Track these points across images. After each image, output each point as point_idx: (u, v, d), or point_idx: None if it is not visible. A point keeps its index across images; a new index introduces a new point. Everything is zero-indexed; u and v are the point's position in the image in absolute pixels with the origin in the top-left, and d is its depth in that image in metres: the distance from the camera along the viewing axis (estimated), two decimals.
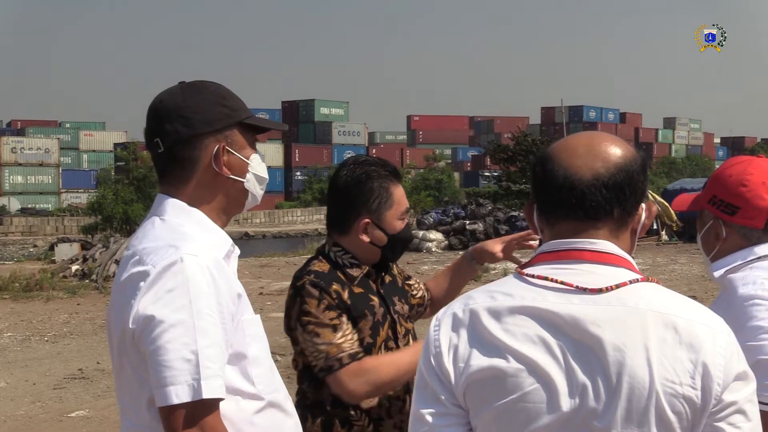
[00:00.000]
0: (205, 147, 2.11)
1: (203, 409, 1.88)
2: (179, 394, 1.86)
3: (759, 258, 2.39)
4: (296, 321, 2.69)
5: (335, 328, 2.65)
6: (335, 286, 2.71)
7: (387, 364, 2.67)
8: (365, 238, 2.78)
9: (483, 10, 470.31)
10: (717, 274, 2.43)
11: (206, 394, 1.87)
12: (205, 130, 2.11)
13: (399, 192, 2.83)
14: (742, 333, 2.20)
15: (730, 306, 2.28)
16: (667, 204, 24.84)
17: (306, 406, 2.76)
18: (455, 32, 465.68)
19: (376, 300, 2.80)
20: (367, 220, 2.77)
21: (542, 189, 1.67)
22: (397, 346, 2.81)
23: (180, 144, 2.10)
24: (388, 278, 2.93)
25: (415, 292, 3.08)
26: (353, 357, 2.64)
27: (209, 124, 2.11)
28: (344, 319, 2.68)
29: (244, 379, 2.03)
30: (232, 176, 2.14)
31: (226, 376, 1.95)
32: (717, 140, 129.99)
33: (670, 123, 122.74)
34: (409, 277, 3.12)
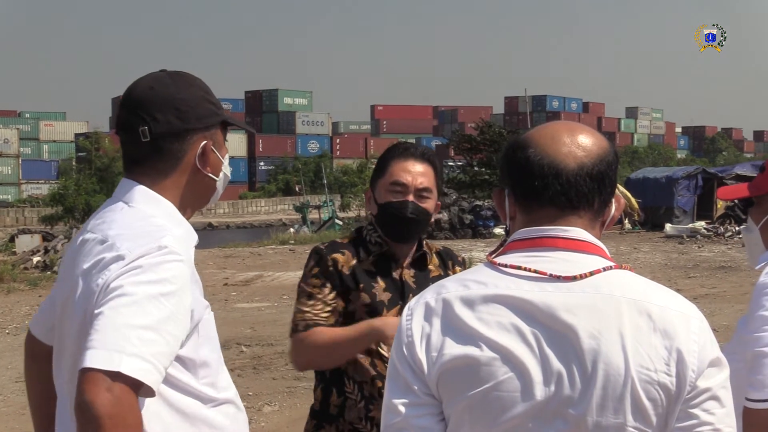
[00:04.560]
0: (193, 143, 2.09)
1: (119, 381, 1.73)
2: (95, 359, 1.74)
3: None
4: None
5: (310, 296, 2.73)
6: (337, 255, 2.76)
7: (325, 335, 2.68)
8: (369, 209, 2.86)
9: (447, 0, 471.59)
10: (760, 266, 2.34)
11: (125, 369, 1.74)
12: (197, 126, 2.09)
13: (401, 166, 2.77)
14: (750, 322, 2.18)
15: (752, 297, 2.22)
16: (629, 194, 25.10)
17: (315, 374, 2.86)
18: (419, 22, 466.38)
19: (381, 284, 2.77)
20: (369, 190, 2.87)
21: (523, 175, 1.64)
22: None
23: (170, 136, 2.06)
24: (436, 272, 2.84)
25: None
26: (308, 327, 2.69)
27: (200, 120, 2.09)
28: (326, 290, 2.73)
29: (195, 378, 2.00)
30: (210, 174, 2.13)
31: (178, 378, 1.92)
32: (678, 129, 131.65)
33: (632, 112, 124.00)
34: None
